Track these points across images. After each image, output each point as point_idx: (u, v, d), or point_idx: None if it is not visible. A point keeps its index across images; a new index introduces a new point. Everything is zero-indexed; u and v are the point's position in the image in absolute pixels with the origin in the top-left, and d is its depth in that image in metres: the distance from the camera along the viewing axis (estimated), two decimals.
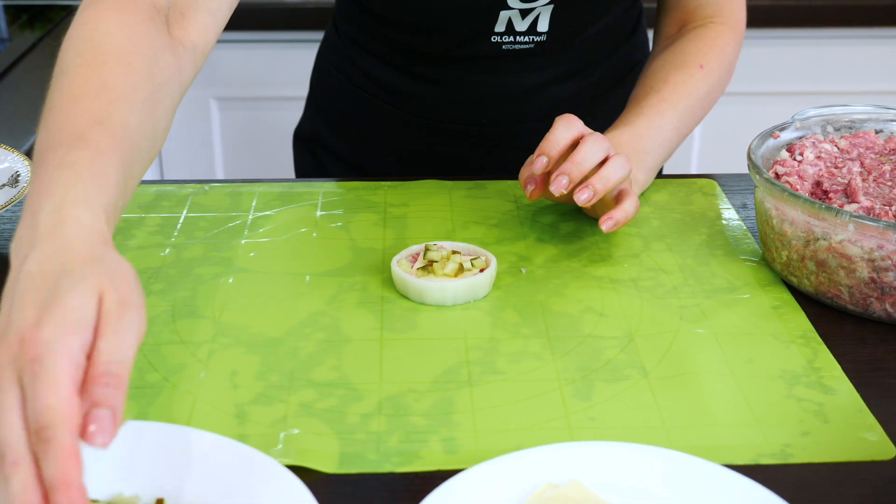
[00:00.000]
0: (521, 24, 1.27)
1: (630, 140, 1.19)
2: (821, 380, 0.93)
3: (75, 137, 0.83)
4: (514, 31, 1.28)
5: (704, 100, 1.27)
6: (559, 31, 1.29)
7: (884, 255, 0.96)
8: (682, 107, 1.24)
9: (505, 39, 1.29)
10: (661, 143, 1.21)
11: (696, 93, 1.26)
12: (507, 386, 0.91)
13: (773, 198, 1.04)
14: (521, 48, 1.30)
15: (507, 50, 1.30)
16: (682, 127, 1.24)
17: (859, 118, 1.17)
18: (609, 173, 1.06)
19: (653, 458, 0.79)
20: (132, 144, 0.87)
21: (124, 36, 0.94)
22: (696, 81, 1.26)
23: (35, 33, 2.09)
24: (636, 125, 1.21)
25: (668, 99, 1.24)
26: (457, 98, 1.36)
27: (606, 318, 1.01)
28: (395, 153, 1.43)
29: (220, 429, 0.85)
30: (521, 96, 1.35)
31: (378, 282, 1.07)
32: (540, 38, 1.29)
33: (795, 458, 0.84)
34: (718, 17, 1.32)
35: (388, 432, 0.85)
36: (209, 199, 1.24)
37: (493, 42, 1.29)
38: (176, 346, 0.97)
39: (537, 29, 1.28)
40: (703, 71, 1.27)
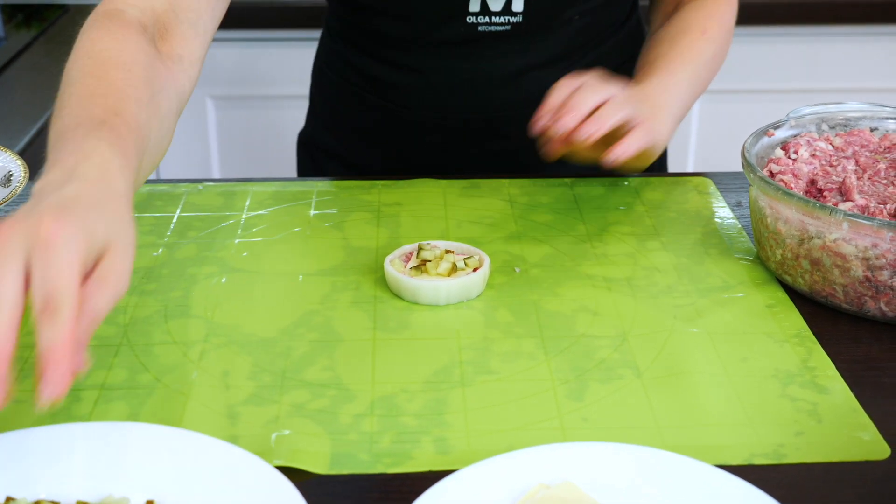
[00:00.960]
0: (496, 3, 1.27)
1: (645, 97, 1.19)
2: (815, 379, 0.93)
3: (97, 122, 0.87)
4: (488, 10, 1.28)
5: (710, 63, 1.31)
6: (535, 11, 1.29)
7: (878, 253, 0.96)
8: (690, 69, 1.26)
9: (480, 20, 1.29)
10: (676, 98, 1.23)
11: (701, 56, 1.29)
12: (499, 386, 0.91)
13: (768, 196, 1.03)
14: (498, 30, 1.30)
15: (483, 32, 1.30)
16: (693, 87, 1.27)
17: (854, 116, 1.17)
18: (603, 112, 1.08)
19: (645, 459, 0.79)
20: (144, 137, 0.91)
21: (120, 49, 0.99)
22: (701, 45, 1.29)
23: (31, 32, 2.09)
24: (650, 84, 1.22)
25: (676, 60, 1.26)
26: (441, 85, 1.35)
27: (600, 318, 1.01)
28: (385, 147, 1.42)
29: (212, 429, 0.85)
30: (506, 82, 1.35)
31: (371, 281, 1.07)
32: (515, 18, 1.29)
33: (789, 458, 0.83)
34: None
35: (379, 433, 0.85)
36: (203, 199, 1.24)
37: (469, 23, 1.29)
38: (168, 346, 0.96)
39: (512, 9, 1.28)
40: (706, 36, 1.30)
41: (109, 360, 0.94)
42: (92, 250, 0.74)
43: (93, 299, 0.73)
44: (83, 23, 1.04)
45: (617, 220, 1.20)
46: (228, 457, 0.78)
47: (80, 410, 0.88)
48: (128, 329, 0.99)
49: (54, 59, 1.95)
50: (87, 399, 0.89)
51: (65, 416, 0.87)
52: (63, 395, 0.70)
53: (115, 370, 0.93)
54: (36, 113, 1.68)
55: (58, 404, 0.72)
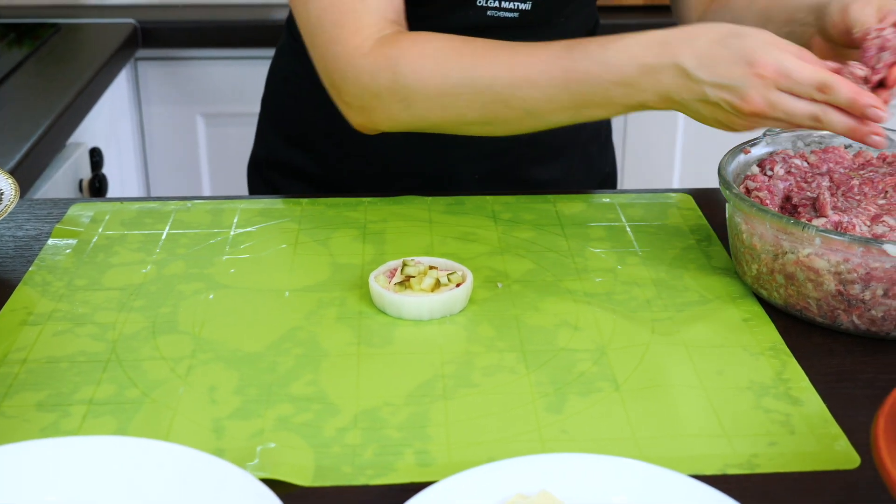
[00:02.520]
0: None
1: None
2: (788, 391, 0.95)
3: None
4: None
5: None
6: (545, 0, 1.30)
7: (850, 268, 0.98)
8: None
9: (490, 4, 1.29)
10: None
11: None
12: (480, 399, 0.93)
13: (743, 213, 1.06)
14: (507, 17, 1.29)
15: (491, 17, 1.29)
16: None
17: (828, 134, 1.19)
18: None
19: (621, 469, 0.81)
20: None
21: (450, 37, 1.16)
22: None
23: (23, 51, 2.11)
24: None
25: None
26: None
27: (580, 332, 1.03)
28: (367, 152, 1.41)
29: (198, 443, 0.87)
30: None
31: (356, 297, 1.09)
32: (525, 5, 1.29)
33: (762, 467, 0.85)
34: None
35: (363, 445, 0.87)
36: (191, 216, 1.26)
37: (479, 7, 1.29)
38: (156, 361, 0.98)
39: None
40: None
41: (98, 375, 0.96)
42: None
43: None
44: (77, 41, 1.09)
45: (598, 235, 1.22)
46: (214, 470, 0.80)
47: (68, 425, 0.89)
48: (116, 345, 1.01)
49: (46, 78, 1.97)
50: (76, 414, 0.91)
51: (53, 431, 0.88)
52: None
53: (103, 385, 0.95)
54: (27, 131, 1.69)
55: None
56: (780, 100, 1.00)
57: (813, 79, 0.99)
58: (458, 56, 1.12)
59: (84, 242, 1.20)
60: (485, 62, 1.12)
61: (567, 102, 1.10)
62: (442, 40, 1.14)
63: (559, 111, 1.11)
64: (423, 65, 1.12)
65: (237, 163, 2.42)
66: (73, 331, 1.03)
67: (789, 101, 1.01)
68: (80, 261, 1.16)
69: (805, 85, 0.99)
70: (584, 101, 1.09)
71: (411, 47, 1.13)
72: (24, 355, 0.99)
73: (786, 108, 1.01)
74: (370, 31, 1.15)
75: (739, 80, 1.01)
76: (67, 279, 1.12)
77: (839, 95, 0.99)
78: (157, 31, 2.31)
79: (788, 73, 1.00)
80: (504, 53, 1.12)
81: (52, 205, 1.29)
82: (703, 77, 1.03)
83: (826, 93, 0.99)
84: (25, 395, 0.93)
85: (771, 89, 1.00)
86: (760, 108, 1.01)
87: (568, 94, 1.09)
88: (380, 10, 1.17)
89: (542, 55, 1.10)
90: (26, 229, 1.23)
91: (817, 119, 1.01)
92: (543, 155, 1.44)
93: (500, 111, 1.12)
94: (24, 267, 1.14)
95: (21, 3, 2.43)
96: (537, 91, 1.10)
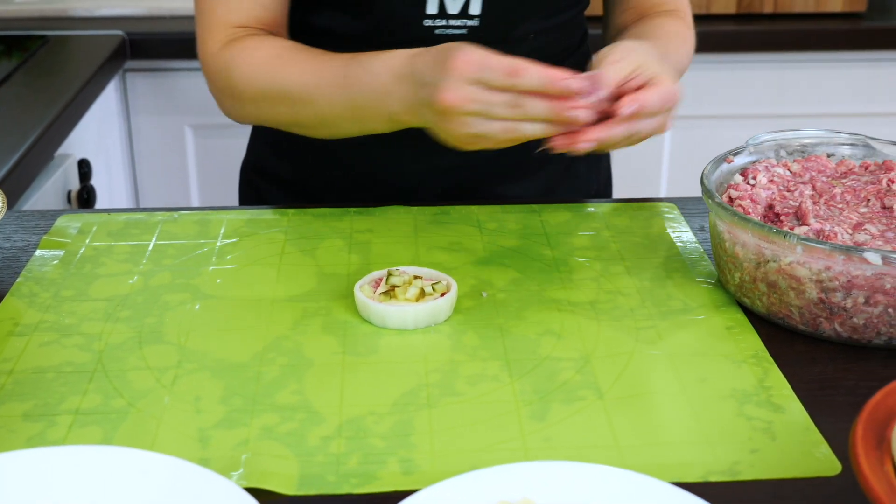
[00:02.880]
0: (453, 5, 1.29)
1: (658, 49, 1.19)
2: (770, 398, 0.95)
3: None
4: (446, 13, 1.30)
5: (684, 62, 1.33)
6: (492, 16, 1.30)
7: (831, 276, 0.99)
8: (678, 56, 1.30)
9: (437, 23, 1.30)
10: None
11: (684, 49, 1.32)
12: (464, 408, 0.94)
13: (725, 221, 1.06)
14: (455, 33, 1.31)
15: (440, 35, 1.31)
16: (682, 69, 1.30)
17: (811, 143, 1.20)
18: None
19: (604, 477, 0.81)
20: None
21: (272, 43, 1.27)
22: (680, 43, 1.33)
23: (11, 62, 2.11)
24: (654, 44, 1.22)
25: (672, 53, 1.28)
26: None
27: (564, 341, 1.04)
28: (337, 160, 1.42)
29: (183, 452, 0.87)
30: None
31: (342, 307, 1.09)
32: (472, 21, 1.30)
33: (744, 474, 0.86)
34: (678, 13, 1.37)
35: (347, 454, 0.88)
36: (178, 227, 1.27)
37: (426, 26, 1.30)
38: (141, 371, 0.99)
39: (469, 11, 1.29)
40: (679, 39, 1.33)
41: (84, 385, 0.96)
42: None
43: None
44: (65, 53, 1.11)
45: (582, 245, 1.23)
46: (199, 479, 0.80)
47: (54, 435, 0.90)
48: (102, 355, 1.01)
49: (34, 90, 1.97)
50: (62, 424, 0.91)
51: (39, 441, 0.89)
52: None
53: (89, 395, 0.95)
54: (15, 143, 1.69)
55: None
56: (474, 92, 1.02)
57: (503, 64, 1.01)
58: (277, 63, 1.22)
59: (71, 254, 1.20)
60: (291, 69, 1.21)
61: (345, 110, 1.19)
62: (272, 48, 1.24)
63: (341, 120, 1.21)
64: (248, 70, 1.23)
65: (225, 173, 2.43)
66: (60, 341, 1.03)
67: (484, 93, 1.02)
68: (67, 272, 1.16)
69: (496, 70, 1.01)
70: (358, 108, 1.18)
71: (242, 53, 1.24)
72: (10, 366, 0.99)
73: (481, 99, 1.02)
74: (221, 34, 1.28)
75: (436, 76, 1.05)
76: (54, 290, 1.12)
77: (531, 77, 1.00)
78: (145, 42, 2.32)
79: (479, 63, 1.02)
80: (309, 61, 1.21)
81: (40, 216, 1.30)
82: (415, 79, 1.08)
83: (517, 76, 1.00)
84: (12, 405, 0.94)
85: (464, 83, 1.02)
86: (454, 100, 1.03)
87: (343, 100, 1.17)
88: (234, 15, 1.28)
89: (332, 62, 1.19)
90: (14, 241, 1.23)
91: (516, 105, 1.01)
92: (512, 172, 1.44)
93: (303, 116, 1.23)
94: (11, 278, 1.15)
95: (9, 15, 2.43)
96: (322, 98, 1.19)
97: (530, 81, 1.00)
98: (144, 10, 2.44)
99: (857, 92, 2.47)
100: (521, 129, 1.04)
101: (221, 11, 1.29)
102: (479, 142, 1.06)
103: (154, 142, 2.43)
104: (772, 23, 2.41)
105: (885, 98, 2.48)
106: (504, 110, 1.02)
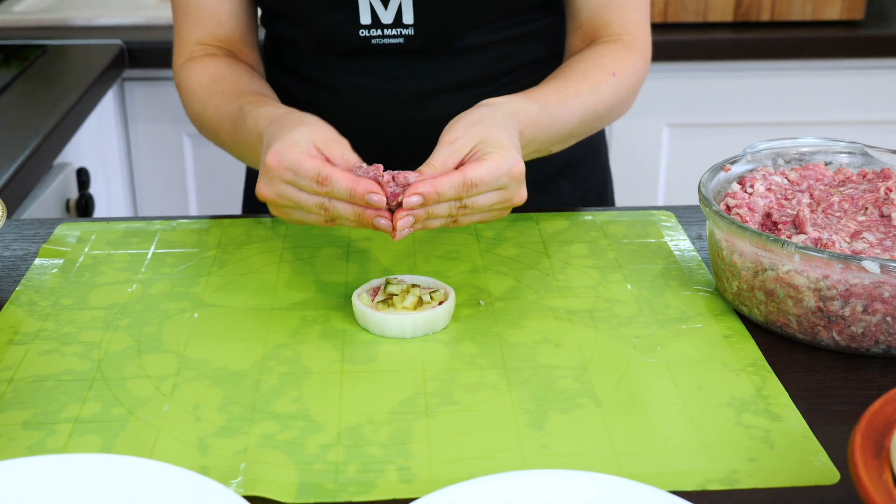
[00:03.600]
0: (386, 14, 1.30)
1: (531, 114, 1.17)
2: (768, 407, 0.95)
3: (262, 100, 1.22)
4: (380, 23, 1.31)
5: (611, 109, 1.29)
6: (427, 25, 1.31)
7: (829, 284, 0.99)
8: (591, 108, 1.26)
9: (373, 33, 1.32)
10: (552, 134, 1.22)
11: (606, 100, 1.28)
12: (462, 416, 0.94)
13: (723, 230, 1.07)
14: (392, 42, 1.32)
15: (377, 45, 1.32)
16: (580, 129, 1.26)
17: (809, 151, 1.20)
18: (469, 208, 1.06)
19: (602, 485, 0.82)
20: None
21: (223, 66, 1.34)
22: (608, 87, 1.28)
23: (10, 72, 2.11)
24: (541, 105, 1.19)
25: (582, 94, 1.24)
26: (352, 103, 1.39)
27: (561, 349, 1.04)
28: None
29: (183, 461, 0.87)
30: (416, 103, 1.38)
31: (340, 315, 1.10)
32: (407, 30, 1.31)
33: (742, 483, 0.86)
34: (627, 37, 1.34)
35: (345, 462, 0.88)
36: (177, 236, 1.27)
37: (362, 36, 1.32)
38: (141, 380, 0.99)
39: (403, 21, 1.30)
40: (615, 78, 1.28)
41: (83, 394, 0.96)
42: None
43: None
44: (64, 62, 1.13)
45: (580, 253, 1.23)
46: (198, 487, 0.80)
47: (54, 443, 0.90)
48: (102, 364, 1.01)
49: (33, 99, 1.97)
50: (62, 432, 0.91)
51: (39, 450, 0.89)
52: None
53: (88, 404, 0.95)
54: (14, 152, 1.70)
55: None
56: (286, 190, 1.05)
57: (312, 171, 1.02)
58: (205, 93, 1.30)
59: (70, 262, 1.20)
60: (209, 102, 1.29)
61: (236, 151, 1.27)
62: (207, 76, 1.31)
63: (239, 155, 1.27)
64: (187, 92, 1.33)
65: (224, 182, 2.43)
66: (59, 350, 1.03)
67: (296, 193, 1.05)
68: (66, 280, 1.16)
69: (305, 178, 1.03)
70: (242, 154, 1.25)
71: (191, 73, 1.33)
72: (10, 374, 1.00)
73: (293, 198, 1.05)
74: (186, 49, 1.36)
75: (260, 165, 1.08)
76: (54, 298, 1.13)
77: (337, 186, 1.02)
78: (143, 51, 2.32)
79: (290, 166, 1.04)
80: (222, 98, 1.27)
81: (39, 225, 1.30)
82: (262, 147, 1.12)
83: (325, 185, 1.02)
84: (12, 413, 0.94)
85: (277, 180, 1.05)
86: (267, 194, 1.07)
87: (233, 143, 1.25)
88: (196, 31, 1.36)
89: (232, 105, 1.24)
90: (13, 249, 1.23)
91: (324, 208, 1.04)
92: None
93: (218, 143, 1.31)
94: (10, 287, 1.15)
95: (8, 24, 2.44)
96: (223, 135, 1.27)
97: (338, 190, 1.03)
98: (143, 19, 2.44)
99: (854, 100, 2.48)
100: (334, 222, 1.06)
101: (185, 28, 1.37)
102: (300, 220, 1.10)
103: (152, 150, 2.43)
104: (769, 31, 2.42)
105: (882, 106, 2.48)
106: (315, 209, 1.05)
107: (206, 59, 1.34)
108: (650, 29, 1.37)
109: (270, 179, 1.05)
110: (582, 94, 1.25)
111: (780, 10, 2.43)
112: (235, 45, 1.38)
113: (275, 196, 1.06)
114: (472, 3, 1.30)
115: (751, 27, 2.44)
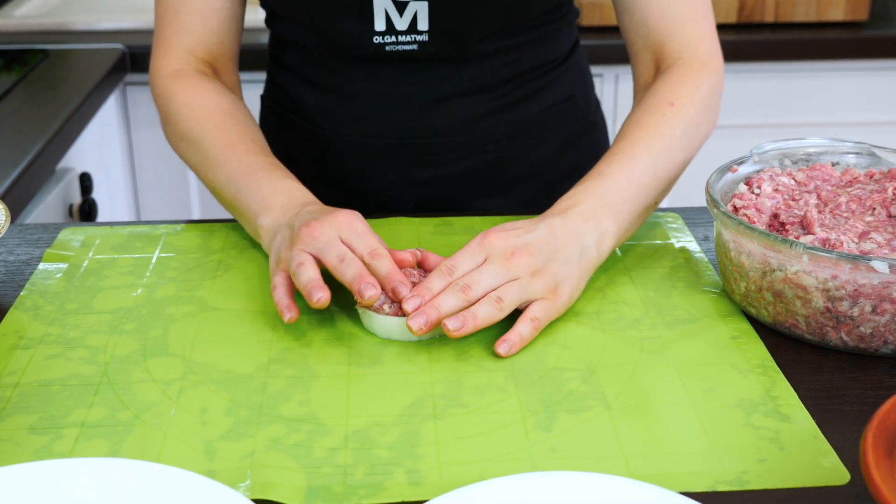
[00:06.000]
0: (401, 21, 1.29)
1: (602, 191, 1.14)
2: (777, 408, 0.95)
3: (261, 164, 1.23)
4: (394, 29, 1.30)
5: (682, 138, 1.22)
6: (442, 31, 1.30)
7: (838, 284, 0.99)
8: (658, 149, 1.19)
9: (387, 40, 1.31)
10: (637, 190, 1.16)
11: (671, 132, 1.20)
12: (470, 418, 0.93)
13: (731, 230, 1.06)
14: (406, 49, 1.31)
15: (391, 51, 1.32)
16: (661, 170, 1.19)
17: (816, 151, 1.20)
18: (475, 310, 1.04)
19: (611, 487, 0.81)
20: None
21: (215, 101, 1.32)
22: (669, 120, 1.21)
23: (12, 77, 2.11)
24: (606, 174, 1.16)
25: (640, 142, 1.19)
26: (365, 109, 1.38)
27: (569, 351, 1.04)
28: (318, 177, 1.42)
29: (190, 465, 0.87)
30: (430, 108, 1.37)
31: (346, 318, 1.09)
32: (421, 37, 1.31)
33: (752, 484, 0.86)
34: (686, 52, 1.29)
35: (353, 465, 0.87)
36: (181, 240, 1.26)
37: (377, 43, 1.31)
38: (147, 384, 0.98)
39: (417, 27, 1.30)
40: (674, 108, 1.22)
41: (90, 398, 0.96)
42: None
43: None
44: (65, 66, 1.13)
45: None
46: (206, 491, 0.80)
47: (61, 448, 0.90)
48: (108, 368, 1.01)
49: (35, 104, 1.97)
50: (69, 437, 0.91)
51: (46, 454, 0.89)
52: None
53: (95, 408, 0.95)
54: (17, 157, 1.69)
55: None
56: (335, 245, 1.09)
57: (373, 244, 1.08)
58: (209, 125, 1.28)
59: (75, 267, 1.20)
60: (214, 133, 1.27)
61: (225, 199, 1.25)
62: (213, 104, 1.30)
63: (221, 198, 1.27)
64: (186, 112, 1.30)
65: None
66: (65, 354, 1.03)
67: (339, 247, 1.09)
68: (70, 285, 1.16)
69: (365, 244, 1.08)
70: (234, 210, 1.25)
71: (188, 91, 1.31)
72: (16, 379, 0.99)
73: (335, 251, 1.08)
74: (172, 57, 1.35)
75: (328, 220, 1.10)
76: (58, 303, 1.12)
77: (383, 262, 1.06)
78: (145, 55, 2.32)
79: (358, 231, 1.10)
80: (233, 137, 1.27)
81: (43, 229, 1.29)
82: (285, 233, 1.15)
83: (374, 258, 1.07)
84: (18, 418, 0.93)
85: (337, 232, 1.09)
86: (318, 241, 1.08)
87: (229, 193, 1.24)
88: (184, 38, 1.35)
89: (236, 156, 1.24)
90: (17, 254, 1.23)
91: (342, 259, 1.07)
92: (490, 186, 1.44)
93: (201, 173, 1.29)
94: (15, 291, 1.15)
95: (9, 29, 2.44)
96: (222, 175, 1.24)
97: (379, 266, 1.07)
98: (144, 23, 2.44)
99: (859, 100, 2.47)
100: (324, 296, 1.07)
101: (173, 32, 1.35)
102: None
103: (155, 154, 2.43)
104: (773, 32, 2.41)
105: (887, 106, 2.48)
106: (336, 259, 1.08)
107: (203, 82, 1.33)
108: (716, 34, 1.32)
109: (333, 226, 1.09)
110: (640, 143, 1.20)
111: (784, 11, 2.43)
112: (220, 61, 1.38)
113: (322, 244, 1.08)
114: (487, 11, 1.30)
115: (755, 28, 2.44)
